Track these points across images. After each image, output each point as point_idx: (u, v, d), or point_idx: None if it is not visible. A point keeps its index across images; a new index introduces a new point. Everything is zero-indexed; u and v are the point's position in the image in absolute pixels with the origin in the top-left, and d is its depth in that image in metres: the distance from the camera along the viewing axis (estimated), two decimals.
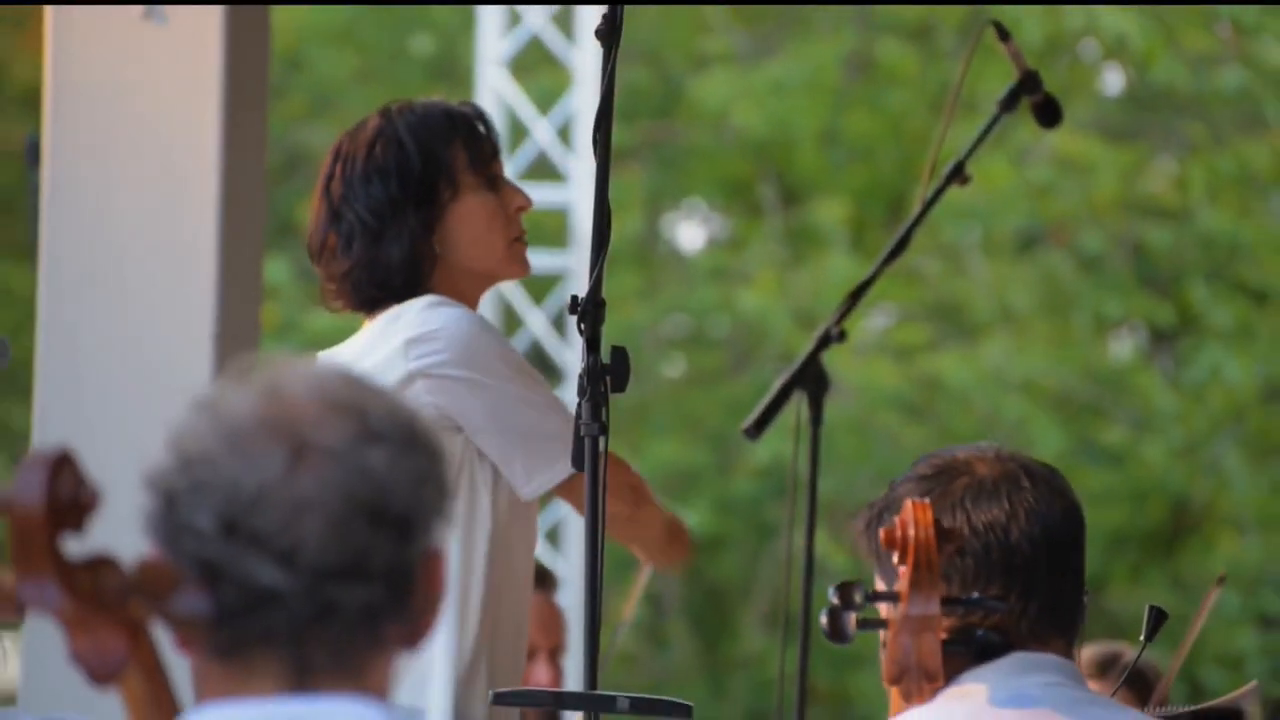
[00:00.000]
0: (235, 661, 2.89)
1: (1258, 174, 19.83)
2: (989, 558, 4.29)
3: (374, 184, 5.61)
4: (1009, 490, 4.33)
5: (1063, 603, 4.37)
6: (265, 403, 2.90)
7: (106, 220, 5.89)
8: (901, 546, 4.21)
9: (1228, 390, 19.13)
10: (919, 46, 19.66)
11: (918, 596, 4.21)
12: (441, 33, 19.29)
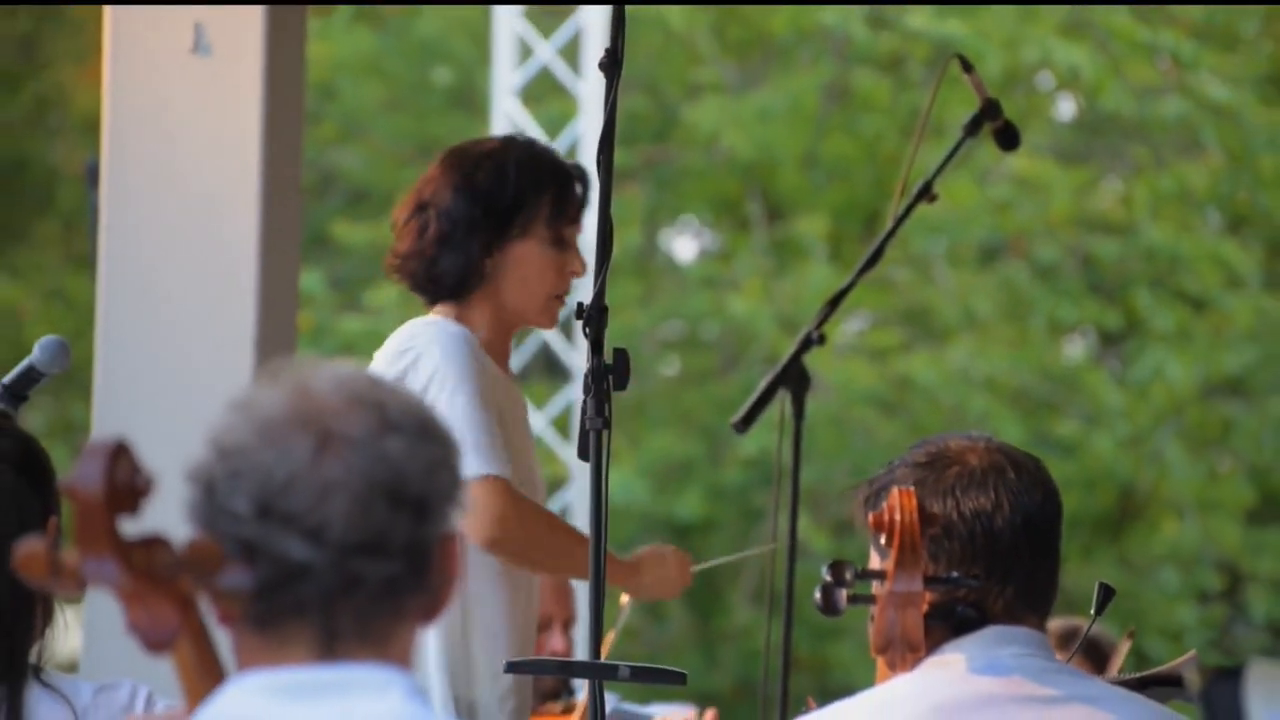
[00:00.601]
0: (271, 632, 2.90)
1: (1195, 193, 19.85)
2: (974, 543, 4.30)
3: (463, 196, 5.61)
4: (995, 480, 4.33)
5: (1038, 584, 4.38)
6: (294, 398, 2.92)
7: (158, 235, 5.89)
8: (889, 530, 4.26)
9: (1169, 388, 19.13)
10: (891, 77, 19.64)
11: (902, 575, 4.25)
12: (460, 65, 19.27)
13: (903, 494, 4.27)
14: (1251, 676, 2.66)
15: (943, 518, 4.32)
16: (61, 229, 19.74)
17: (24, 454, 4.03)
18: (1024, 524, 4.33)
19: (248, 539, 2.88)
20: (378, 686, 2.90)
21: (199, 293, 5.90)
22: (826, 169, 19.70)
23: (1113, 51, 19.24)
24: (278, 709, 2.88)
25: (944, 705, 4.24)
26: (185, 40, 5.85)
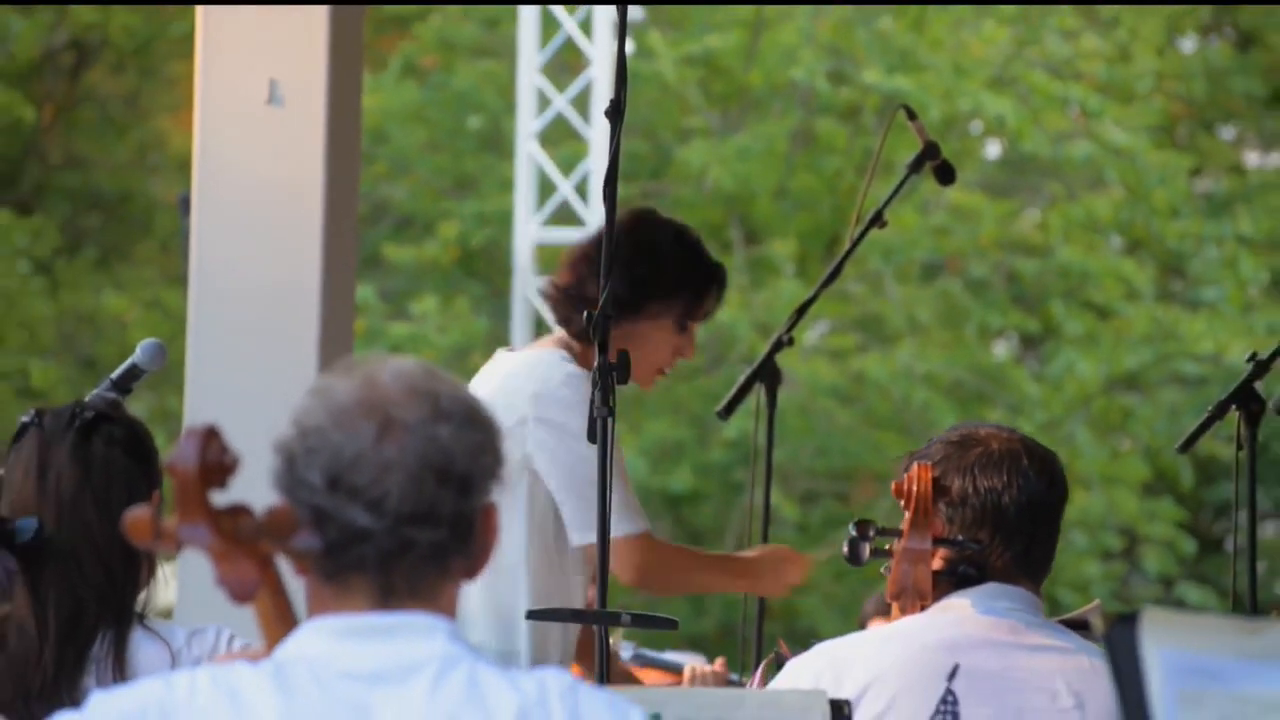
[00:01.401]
0: (337, 585, 2.91)
1: (1100, 220, 19.84)
2: (984, 513, 4.37)
3: (635, 268, 5.43)
4: (1010, 464, 4.40)
5: (1034, 555, 4.44)
6: (362, 388, 2.92)
7: (238, 255, 5.87)
8: (906, 497, 4.39)
9: (1078, 382, 19.11)
10: (848, 124, 19.60)
11: (915, 535, 4.35)
12: (489, 113, 19.22)
13: (920, 468, 4.41)
14: (1145, 621, 2.66)
15: (960, 489, 4.39)
16: (159, 250, 19.69)
17: (131, 438, 4.02)
18: (1028, 503, 4.40)
19: (319, 506, 2.88)
20: (425, 631, 2.90)
21: (271, 302, 5.87)
22: (794, 200, 19.65)
23: (1032, 103, 19.23)
24: (341, 648, 2.88)
25: (950, 641, 4.27)
26: (261, 93, 5.84)
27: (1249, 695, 2.65)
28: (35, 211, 19.84)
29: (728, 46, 19.38)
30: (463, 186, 18.73)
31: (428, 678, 2.88)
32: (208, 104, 5.91)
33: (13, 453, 4.00)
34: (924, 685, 4.08)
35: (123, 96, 21.05)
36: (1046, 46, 19.62)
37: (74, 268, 19.43)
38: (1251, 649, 2.68)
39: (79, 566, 3.92)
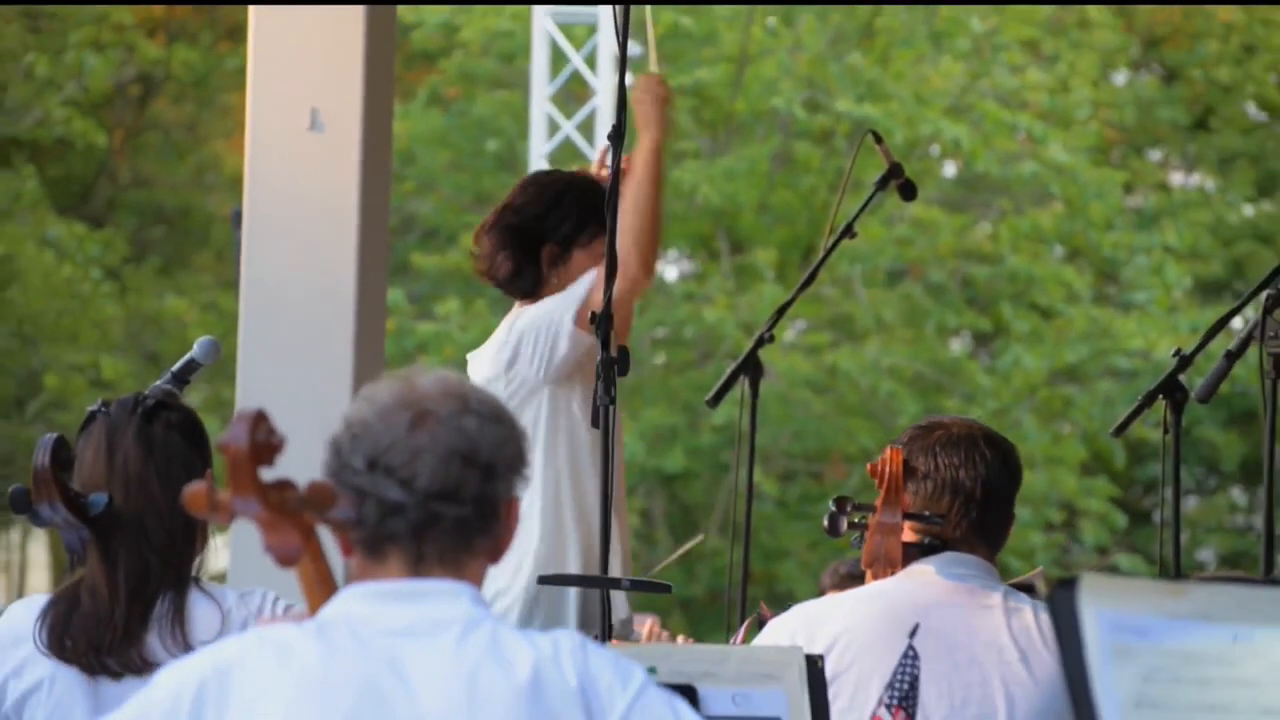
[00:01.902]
0: (375, 555, 2.92)
1: (1045, 232, 19.86)
2: (943, 485, 4.42)
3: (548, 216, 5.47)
4: (967, 446, 4.45)
5: (988, 527, 4.48)
6: (402, 389, 2.94)
7: (283, 263, 5.86)
8: (880, 477, 4.43)
9: (1024, 375, 19.13)
10: (822, 147, 19.61)
11: (887, 510, 4.41)
12: (505, 137, 19.22)
13: (892, 451, 4.46)
14: (1083, 585, 2.65)
15: (924, 467, 4.43)
16: (214, 258, 19.70)
17: (187, 422, 4.03)
18: (983, 482, 4.42)
19: (360, 486, 2.90)
20: (451, 595, 2.91)
21: (313, 304, 5.86)
22: (774, 214, 19.66)
23: (984, 129, 19.24)
24: (378, 609, 2.89)
25: (913, 603, 4.28)
26: (304, 120, 5.83)
27: (1173, 649, 2.65)
28: (106, 225, 19.85)
29: (716, 79, 19.37)
30: (481, 202, 18.71)
31: (454, 635, 2.88)
32: (257, 130, 5.90)
33: (82, 437, 4.01)
34: (888, 641, 4.08)
35: (183, 124, 21.06)
36: (996, 79, 19.64)
37: (140, 274, 19.43)
38: (1176, 609, 2.68)
39: (144, 534, 3.92)
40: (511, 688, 2.84)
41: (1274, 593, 2.69)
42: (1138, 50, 22.53)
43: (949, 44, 19.53)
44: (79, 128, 17.72)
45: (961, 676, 4.25)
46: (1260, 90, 22.00)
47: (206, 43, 20.31)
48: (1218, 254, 21.06)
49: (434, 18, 19.43)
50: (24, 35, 17.49)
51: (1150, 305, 19.68)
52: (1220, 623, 2.65)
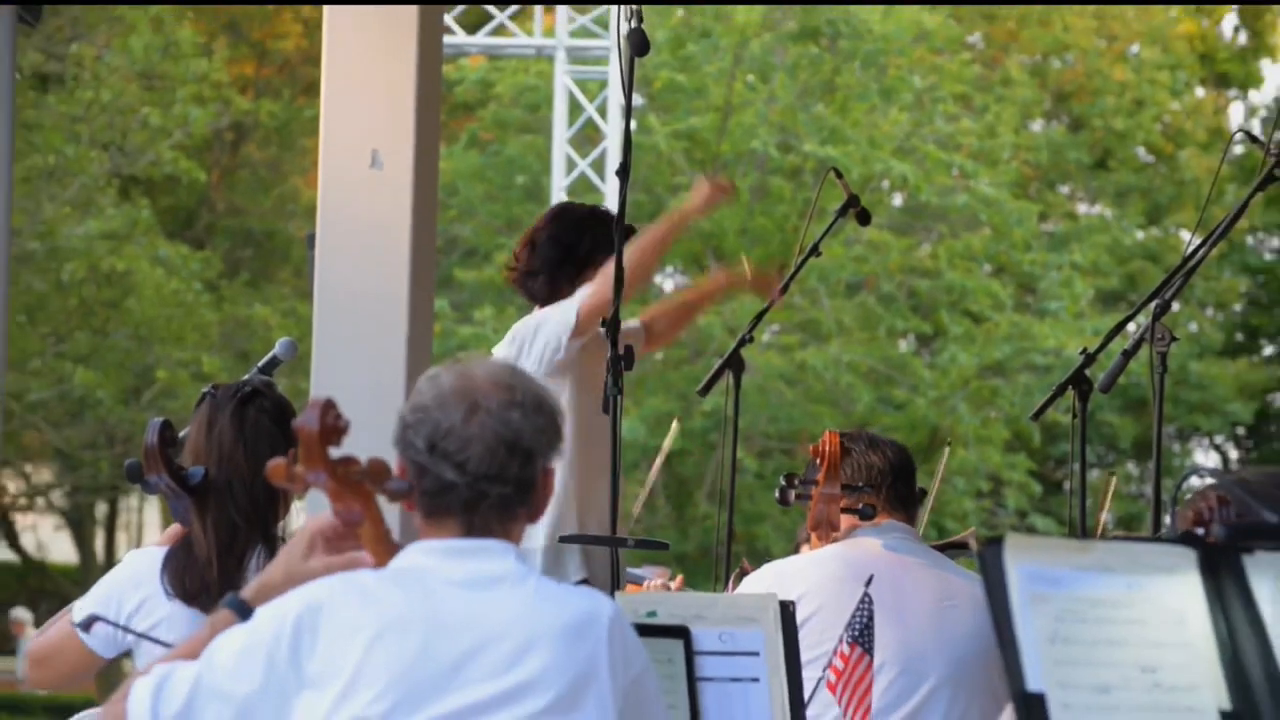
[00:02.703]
0: (434, 520, 2.91)
1: (975, 252, 19.85)
2: (871, 466, 4.53)
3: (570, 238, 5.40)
4: (883, 444, 4.61)
5: (902, 497, 4.58)
6: (460, 379, 2.93)
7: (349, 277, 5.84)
8: (821, 457, 4.47)
9: (959, 369, 19.12)
10: (792, 181, 19.61)
11: (828, 483, 4.46)
12: (531, 173, 19.20)
13: (831, 435, 4.51)
14: (1007, 543, 2.64)
15: (858, 450, 4.54)
16: (293, 273, 19.71)
17: (279, 409, 4.02)
18: (891, 465, 4.54)
19: (421, 463, 2.89)
20: (499, 553, 2.90)
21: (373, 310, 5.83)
22: (753, 236, 19.65)
23: (925, 167, 19.23)
24: (440, 563, 2.88)
25: (865, 562, 4.29)
26: (366, 159, 5.82)
27: (1079, 595, 2.64)
28: (205, 246, 19.88)
29: (704, 125, 19.37)
30: (511, 226, 18.69)
31: (506, 585, 2.88)
32: (327, 168, 5.89)
33: (194, 416, 4.02)
34: (848, 590, 4.08)
35: (267, 163, 21.08)
36: (935, 126, 19.64)
37: (232, 287, 19.46)
38: (1082, 562, 2.67)
39: (233, 499, 3.91)
40: (552, 631, 2.84)
41: (1160, 549, 2.70)
42: (1049, 103, 22.59)
43: (896, 97, 19.52)
44: (184, 167, 17.74)
45: (902, 622, 4.26)
46: (1148, 137, 22.25)
47: (287, 97, 20.33)
48: (1115, 270, 21.11)
49: (473, 75, 19.44)
50: (140, 92, 17.50)
51: (1061, 312, 19.69)
52: (1117, 573, 2.65)
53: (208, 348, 18.12)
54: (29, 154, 16.48)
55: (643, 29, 4.72)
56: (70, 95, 17.25)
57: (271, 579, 2.97)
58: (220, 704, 2.77)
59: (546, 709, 2.79)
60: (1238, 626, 2.63)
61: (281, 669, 2.77)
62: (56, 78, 17.51)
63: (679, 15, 19.35)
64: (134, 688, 2.79)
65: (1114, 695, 2.56)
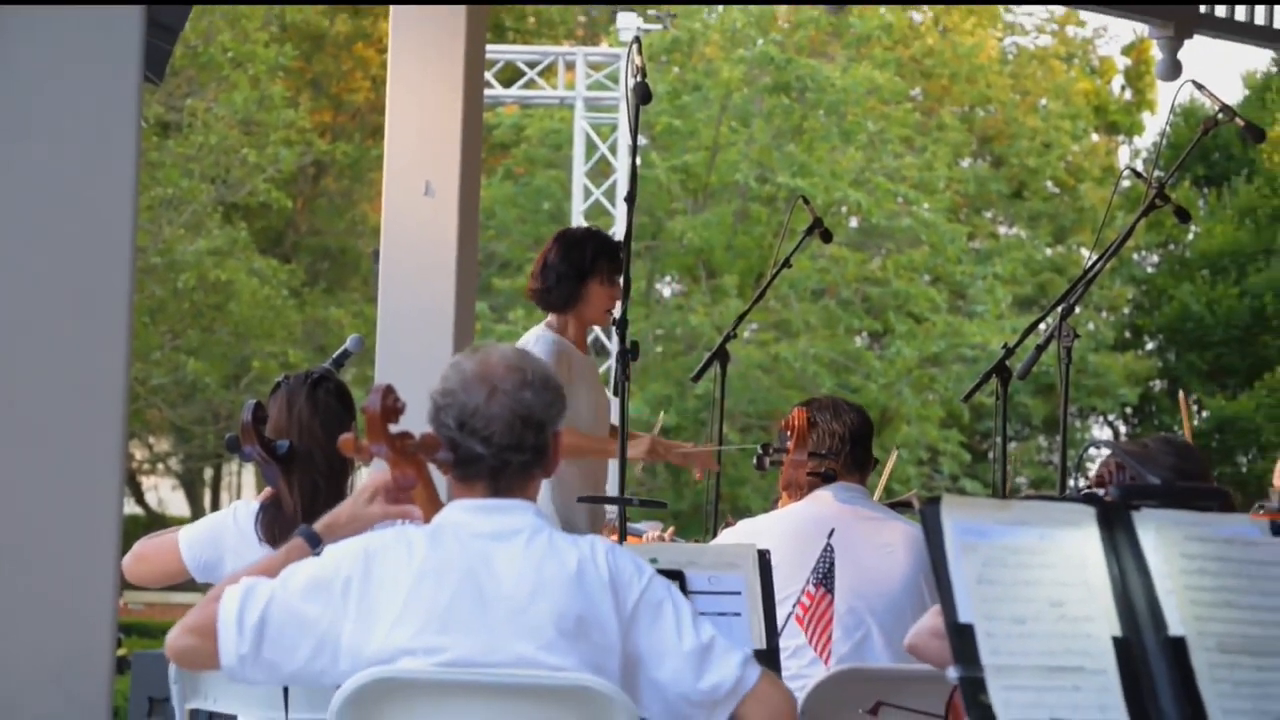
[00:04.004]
0: (466, 483, 2.88)
1: (916, 265, 19.83)
2: (834, 434, 4.42)
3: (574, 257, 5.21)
4: (845, 411, 4.47)
5: (859, 461, 4.49)
6: (479, 366, 2.89)
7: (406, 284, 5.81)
8: (791, 429, 4.42)
9: (904, 361, 19.10)
10: (769, 207, 19.60)
11: (797, 451, 4.42)
12: (555, 200, 19.19)
13: (799, 411, 4.45)
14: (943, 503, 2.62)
15: (822, 421, 4.44)
16: (361, 282, 19.71)
17: (341, 391, 4.01)
18: (851, 432, 4.44)
19: (453, 438, 2.86)
20: (520, 509, 2.88)
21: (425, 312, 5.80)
22: (736, 251, 19.65)
23: (876, 196, 19.23)
24: (471, 518, 2.85)
25: (824, 516, 4.25)
26: (421, 188, 5.80)
27: (1002, 545, 2.63)
28: (291, 260, 19.91)
29: (696, 161, 19.37)
30: (539, 243, 18.57)
31: (524, 538, 2.85)
32: (390, 196, 5.87)
33: (272, 399, 4.00)
34: (811, 541, 4.06)
35: (342, 193, 21.09)
36: (884, 162, 19.63)
37: (313, 294, 19.49)
38: (1003, 518, 2.65)
39: (312, 464, 3.90)
40: (563, 575, 2.82)
41: (1066, 506, 2.69)
42: (975, 145, 22.62)
43: (853, 139, 19.52)
44: (274, 196, 17.77)
45: (855, 566, 4.23)
46: (1055, 173, 22.41)
47: (357, 139, 20.34)
48: (1028, 280, 21.10)
49: (508, 120, 19.44)
50: (241, 136, 17.54)
51: (985, 314, 19.68)
52: (1032, 526, 2.63)
53: (292, 343, 18.16)
54: (152, 187, 16.51)
55: (645, 83, 4.70)
56: (185, 139, 17.29)
57: (339, 517, 2.96)
58: (288, 619, 2.75)
59: (560, 636, 2.77)
60: (1127, 569, 2.63)
61: (336, 601, 2.76)
62: (175, 125, 17.55)
63: (675, 72, 19.34)
64: (225, 593, 2.78)
65: (1028, 625, 2.54)
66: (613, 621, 2.79)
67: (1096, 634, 2.58)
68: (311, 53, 20.59)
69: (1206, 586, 2.66)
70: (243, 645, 2.73)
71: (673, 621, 2.82)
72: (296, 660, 2.74)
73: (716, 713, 2.81)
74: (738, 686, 2.80)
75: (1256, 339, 21.79)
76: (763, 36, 19.48)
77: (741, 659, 2.82)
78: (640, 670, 2.81)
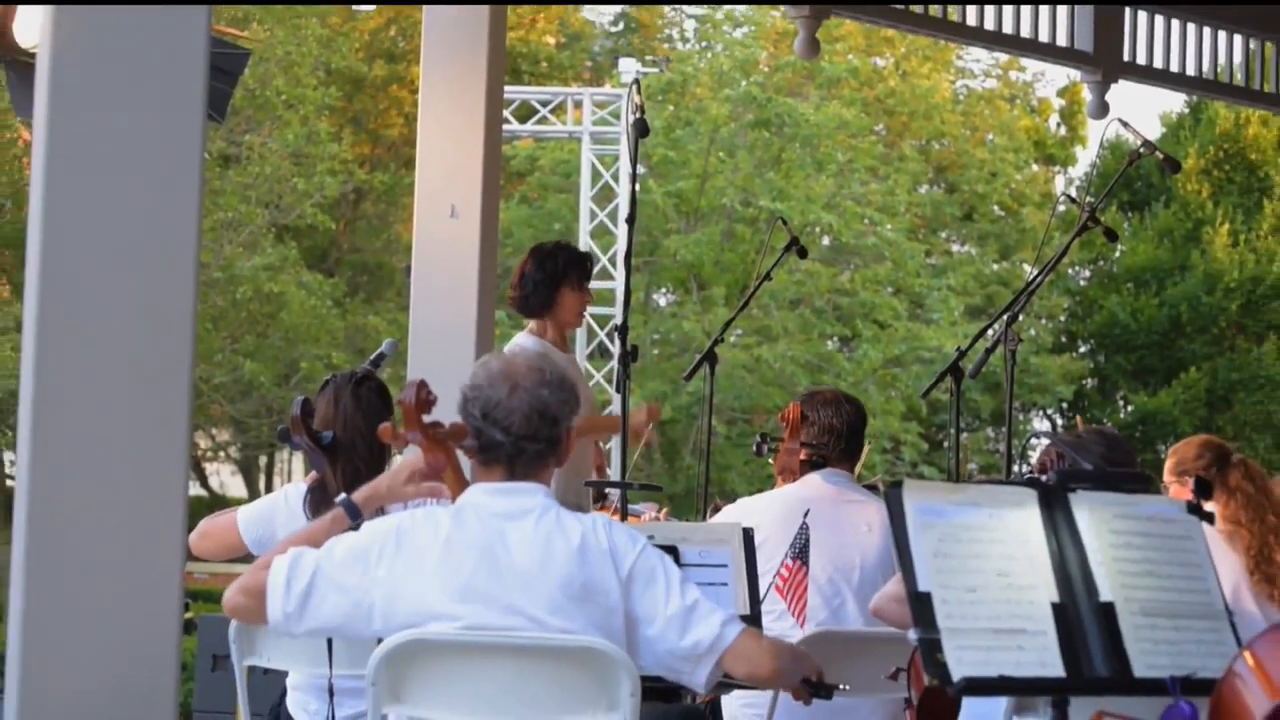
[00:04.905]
0: (486, 468, 2.88)
1: (880, 279, 19.81)
2: (825, 427, 4.37)
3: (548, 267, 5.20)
4: (835, 403, 4.43)
5: (849, 450, 4.44)
6: (504, 365, 2.90)
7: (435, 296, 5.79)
8: (786, 420, 4.37)
9: (870, 362, 19.07)
10: (752, 227, 19.57)
11: (791, 441, 4.36)
12: (565, 221, 19.14)
13: (794, 405, 4.41)
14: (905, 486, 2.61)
15: (812, 415, 4.36)
16: (396, 294, 19.68)
17: (380, 388, 4.01)
18: (846, 423, 4.38)
19: (478, 427, 2.86)
20: (531, 492, 2.88)
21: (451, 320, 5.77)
22: (724, 266, 19.62)
23: (846, 217, 19.21)
24: (489, 499, 2.85)
25: (805, 497, 4.24)
26: (447, 211, 5.80)
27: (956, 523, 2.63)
28: (334, 275, 19.88)
29: (689, 187, 19.35)
30: None
31: (534, 516, 2.84)
32: (420, 218, 5.87)
33: (321, 395, 4.00)
34: (790, 520, 4.06)
35: (378, 216, 21.08)
36: (853, 189, 19.61)
37: (353, 304, 19.46)
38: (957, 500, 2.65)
39: (354, 452, 3.89)
40: (569, 549, 2.82)
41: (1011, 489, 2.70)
42: (931, 174, 22.61)
43: (825, 168, 19.51)
44: (320, 219, 17.77)
45: (835, 542, 4.22)
46: (1000, 199, 22.50)
47: (392, 169, 20.33)
48: (978, 292, 21.09)
49: (523, 152, 19.42)
50: (291, 167, 17.54)
51: (941, 321, 19.67)
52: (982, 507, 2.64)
53: (335, 347, 18.13)
54: (214, 211, 16.51)
55: (644, 119, 4.70)
56: (243, 170, 17.29)
57: (376, 490, 2.97)
58: (330, 585, 2.76)
59: (568, 601, 2.77)
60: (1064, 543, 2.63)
61: (372, 570, 2.77)
62: (234, 158, 17.54)
63: (670, 110, 19.32)
64: (274, 561, 2.79)
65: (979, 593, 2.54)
66: (614, 585, 2.80)
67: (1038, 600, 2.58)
68: (353, 94, 20.60)
69: (1132, 558, 2.67)
70: (289, 605, 2.76)
71: (663, 586, 2.83)
72: (335, 619, 2.76)
73: (700, 666, 2.81)
74: (716, 643, 2.80)
75: (1174, 343, 22.05)
76: (746, 79, 19.47)
77: (722, 619, 2.82)
78: (637, 629, 2.82)
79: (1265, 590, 3.94)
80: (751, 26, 20.33)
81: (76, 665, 2.83)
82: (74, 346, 2.95)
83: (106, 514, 2.94)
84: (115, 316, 2.98)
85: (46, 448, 2.91)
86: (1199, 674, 2.53)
